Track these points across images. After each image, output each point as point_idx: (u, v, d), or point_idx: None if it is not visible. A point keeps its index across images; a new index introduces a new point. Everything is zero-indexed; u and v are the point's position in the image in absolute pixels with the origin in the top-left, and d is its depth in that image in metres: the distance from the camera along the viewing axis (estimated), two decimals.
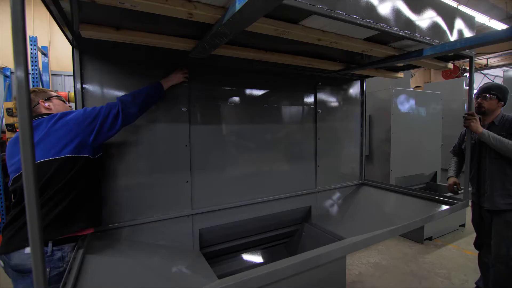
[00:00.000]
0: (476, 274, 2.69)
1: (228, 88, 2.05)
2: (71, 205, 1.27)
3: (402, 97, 3.71)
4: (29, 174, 0.69)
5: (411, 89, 4.12)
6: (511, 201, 2.00)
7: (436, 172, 4.28)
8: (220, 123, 2.01)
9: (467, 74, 9.36)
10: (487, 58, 8.94)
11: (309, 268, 1.31)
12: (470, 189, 2.22)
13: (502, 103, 2.11)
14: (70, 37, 1.42)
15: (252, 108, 2.15)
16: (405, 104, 3.76)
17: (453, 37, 1.75)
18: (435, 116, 4.17)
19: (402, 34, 1.44)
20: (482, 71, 8.94)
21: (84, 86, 1.57)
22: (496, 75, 9.69)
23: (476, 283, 2.43)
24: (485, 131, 1.92)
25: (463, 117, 2.00)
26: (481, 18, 5.24)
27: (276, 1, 0.88)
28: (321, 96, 2.48)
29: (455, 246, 3.38)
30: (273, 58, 1.75)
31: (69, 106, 1.65)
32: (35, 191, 0.69)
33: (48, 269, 1.21)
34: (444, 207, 2.04)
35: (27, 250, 1.19)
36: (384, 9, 1.36)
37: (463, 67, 9.09)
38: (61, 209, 1.23)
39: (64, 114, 1.32)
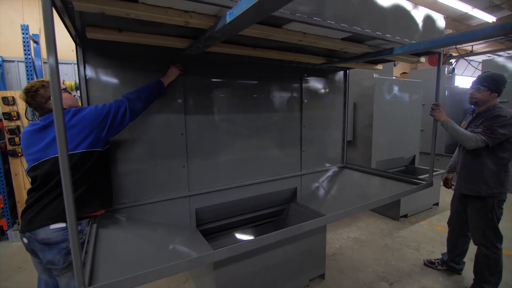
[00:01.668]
0: (442, 246, 3.05)
1: (220, 80, 2.21)
2: (85, 192, 1.46)
3: (384, 85, 3.93)
4: (65, 166, 0.87)
5: (393, 77, 4.34)
6: (473, 188, 2.17)
7: (415, 155, 4.60)
8: (213, 113, 2.19)
9: (452, 61, 9.61)
10: (472, 45, 9.18)
11: (290, 236, 1.54)
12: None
13: (496, 94, 2.12)
14: (74, 34, 1.55)
15: (242, 98, 2.33)
16: (387, 92, 3.99)
17: (422, 36, 1.95)
18: (416, 102, 4.43)
19: (375, 35, 1.63)
20: (466, 58, 9.19)
21: (87, 79, 1.72)
22: (480, 62, 9.97)
23: (442, 254, 2.75)
24: (446, 120, 2.16)
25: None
26: (464, 7, 5.40)
27: (261, 16, 1.05)
28: (307, 86, 2.67)
29: (427, 223, 3.74)
30: (261, 54, 1.91)
31: (74, 96, 1.75)
32: (70, 181, 0.88)
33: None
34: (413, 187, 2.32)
35: (52, 226, 1.39)
36: (358, 14, 1.54)
37: (449, 53, 9.33)
38: (78, 195, 1.42)
39: (77, 111, 1.46)
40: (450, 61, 9.79)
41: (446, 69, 6.04)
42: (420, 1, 6.45)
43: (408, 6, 1.86)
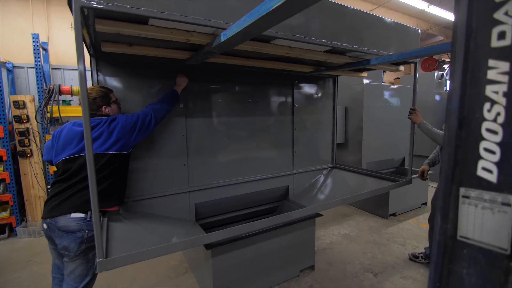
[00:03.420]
0: (427, 241, 3.25)
1: (218, 86, 2.44)
2: (107, 188, 1.68)
3: (373, 91, 4.16)
4: (91, 161, 1.08)
5: (383, 83, 4.57)
6: None
7: (404, 157, 4.81)
8: (211, 116, 2.41)
9: (445, 66, 9.87)
10: None
11: (278, 223, 1.74)
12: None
13: None
14: (89, 47, 1.78)
15: (238, 102, 2.55)
16: (376, 97, 4.22)
17: (399, 48, 2.18)
18: (405, 107, 4.64)
19: (352, 48, 1.86)
20: None
21: (100, 85, 1.94)
22: None
23: (425, 249, 2.96)
24: (422, 122, 2.38)
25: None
26: (452, 17, 5.66)
27: (249, 37, 1.27)
28: (298, 92, 2.90)
29: (414, 221, 3.94)
30: (254, 63, 2.13)
31: (119, 106, 1.93)
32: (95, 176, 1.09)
33: (86, 231, 1.62)
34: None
35: (72, 215, 1.58)
36: (336, 30, 1.77)
37: (442, 59, 9.60)
38: (99, 190, 1.61)
39: (113, 119, 1.71)
40: (443, 66, 10.07)
41: (435, 75, 6.28)
42: (410, 11, 6.73)
43: (385, 21, 2.09)
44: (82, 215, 1.62)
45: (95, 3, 1.06)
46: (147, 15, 1.17)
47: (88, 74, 4.86)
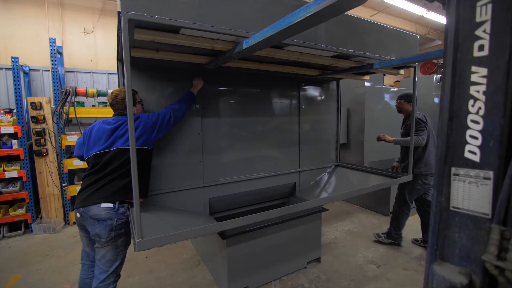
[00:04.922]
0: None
1: (231, 88, 2.61)
2: (131, 181, 1.82)
3: (374, 93, 4.34)
4: (133, 153, 1.25)
5: (383, 86, 4.75)
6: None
7: None
8: (225, 116, 2.58)
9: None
10: None
11: (285, 213, 1.90)
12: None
13: (411, 103, 3.05)
14: (118, 52, 1.95)
15: (250, 104, 2.72)
16: (377, 99, 4.40)
17: (399, 53, 2.36)
18: None
19: (357, 54, 2.03)
20: None
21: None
22: None
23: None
24: (394, 139, 3.17)
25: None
26: None
27: (269, 45, 1.45)
28: (304, 94, 3.07)
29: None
30: (266, 67, 2.31)
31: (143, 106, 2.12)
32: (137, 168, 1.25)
33: (115, 219, 1.77)
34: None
35: (103, 205, 1.74)
36: (343, 37, 1.95)
37: (441, 63, 9.81)
38: (126, 183, 1.79)
39: (137, 117, 1.88)
40: (442, 70, 10.28)
41: (434, 78, 6.47)
42: (410, 17, 6.94)
43: (386, 29, 2.27)
44: (111, 205, 1.77)
45: (140, 15, 1.23)
46: (182, 25, 1.35)
47: (115, 77, 5.07)
